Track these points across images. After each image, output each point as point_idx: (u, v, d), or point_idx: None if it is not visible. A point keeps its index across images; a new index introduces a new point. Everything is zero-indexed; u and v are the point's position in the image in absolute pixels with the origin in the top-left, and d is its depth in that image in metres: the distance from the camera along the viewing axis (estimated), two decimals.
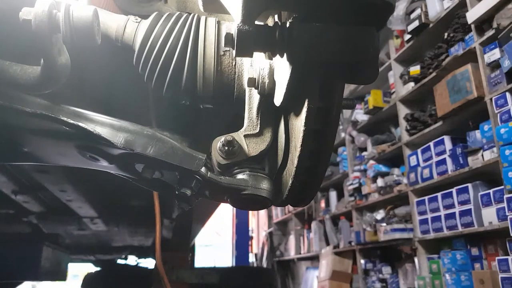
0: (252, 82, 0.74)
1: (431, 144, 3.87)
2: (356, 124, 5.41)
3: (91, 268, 4.53)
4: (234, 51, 0.58)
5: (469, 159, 3.43)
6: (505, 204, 2.88)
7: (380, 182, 4.72)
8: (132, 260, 4.49)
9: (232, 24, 0.57)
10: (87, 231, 2.89)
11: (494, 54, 3.13)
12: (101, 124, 0.77)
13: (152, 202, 1.99)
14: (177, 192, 0.79)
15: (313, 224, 6.41)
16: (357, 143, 5.39)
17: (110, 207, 2.46)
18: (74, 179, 1.78)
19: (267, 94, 0.74)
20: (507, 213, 2.85)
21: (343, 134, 5.79)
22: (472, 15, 3.31)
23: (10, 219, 2.41)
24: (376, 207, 4.87)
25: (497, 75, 3.12)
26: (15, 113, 0.74)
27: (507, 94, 2.97)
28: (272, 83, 0.73)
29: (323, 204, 6.34)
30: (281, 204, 0.83)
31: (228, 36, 0.57)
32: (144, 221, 2.65)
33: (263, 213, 9.03)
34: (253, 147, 0.79)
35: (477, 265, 3.34)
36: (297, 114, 0.66)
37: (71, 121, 0.72)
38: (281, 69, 0.65)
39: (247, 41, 0.56)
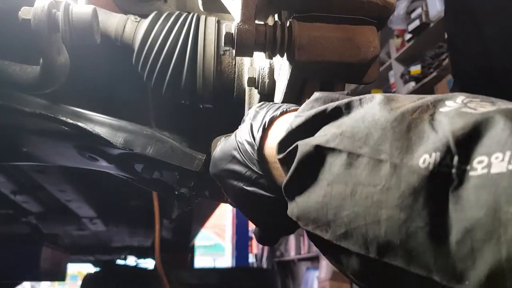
0: (252, 82, 0.74)
1: None
2: None
3: (90, 268, 4.53)
4: (234, 51, 0.57)
5: None
6: None
7: None
8: (131, 260, 4.49)
9: (232, 23, 0.56)
10: (87, 231, 2.89)
11: None
12: (100, 124, 0.77)
13: (151, 202, 1.99)
14: (176, 192, 0.79)
15: None
16: None
17: (109, 207, 2.46)
18: (73, 179, 1.78)
19: (267, 94, 0.74)
20: None
21: None
22: None
23: (9, 219, 2.41)
24: None
25: None
26: (14, 113, 0.73)
27: None
28: (272, 82, 0.72)
29: None
30: None
31: (228, 35, 0.57)
32: (144, 221, 2.65)
33: None
34: None
35: None
36: None
37: (70, 121, 0.72)
38: (281, 68, 0.64)
39: (247, 41, 0.56)
